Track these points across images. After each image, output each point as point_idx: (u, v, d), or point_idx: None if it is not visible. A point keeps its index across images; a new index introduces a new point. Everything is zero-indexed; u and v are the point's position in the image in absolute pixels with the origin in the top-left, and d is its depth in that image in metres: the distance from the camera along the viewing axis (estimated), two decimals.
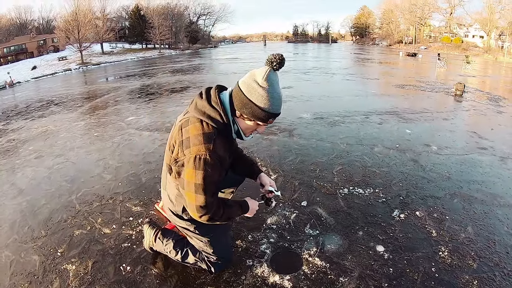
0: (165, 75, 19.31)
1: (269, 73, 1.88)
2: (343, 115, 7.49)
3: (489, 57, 38.46)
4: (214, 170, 1.92)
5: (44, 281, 2.70)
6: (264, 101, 1.88)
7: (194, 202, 1.98)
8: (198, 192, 1.94)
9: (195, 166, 1.89)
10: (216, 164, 1.92)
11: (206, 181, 1.92)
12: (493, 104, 9.08)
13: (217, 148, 1.91)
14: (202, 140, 1.89)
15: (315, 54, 38.57)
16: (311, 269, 2.69)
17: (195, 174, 1.90)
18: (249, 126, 2.04)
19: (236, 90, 1.96)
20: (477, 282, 2.49)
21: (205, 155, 1.87)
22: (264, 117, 1.93)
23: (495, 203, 3.61)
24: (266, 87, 1.87)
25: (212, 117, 1.94)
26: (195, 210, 2.01)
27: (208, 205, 1.99)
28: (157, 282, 2.63)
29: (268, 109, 1.90)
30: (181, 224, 2.42)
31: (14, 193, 4.35)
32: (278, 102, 1.93)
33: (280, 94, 1.94)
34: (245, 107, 1.91)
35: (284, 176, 4.36)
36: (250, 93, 1.89)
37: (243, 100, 1.91)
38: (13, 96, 17.28)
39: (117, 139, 6.44)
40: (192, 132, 1.93)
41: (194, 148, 1.89)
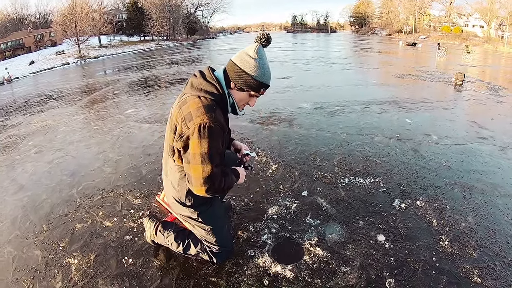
0: (163, 67, 19.25)
1: (259, 47, 2.10)
2: (343, 105, 7.48)
3: (489, 47, 38.30)
4: (218, 137, 2.02)
5: (47, 276, 2.71)
6: (256, 70, 2.07)
7: (201, 175, 2.03)
8: (205, 162, 2.01)
9: (200, 135, 1.96)
10: (219, 131, 2.02)
11: (212, 150, 2.00)
12: (493, 94, 9.06)
13: (218, 116, 2.02)
14: (204, 111, 1.98)
15: (314, 44, 38.34)
16: (312, 258, 2.70)
17: (201, 144, 1.98)
18: (242, 97, 2.20)
19: (229, 64, 2.15)
20: (477, 271, 2.50)
21: (208, 123, 1.95)
22: (256, 86, 2.12)
23: (495, 193, 3.61)
24: (257, 58, 2.07)
25: (209, 91, 2.08)
26: (202, 183, 2.06)
27: (214, 175, 2.05)
28: (160, 274, 2.64)
29: (259, 78, 2.10)
30: (184, 212, 2.43)
31: (14, 189, 4.35)
32: (268, 73, 2.14)
33: (269, 67, 2.15)
34: (240, 77, 2.09)
35: (285, 166, 4.36)
36: (243, 64, 2.08)
37: (237, 71, 2.09)
38: (12, 91, 17.22)
39: (117, 132, 6.43)
40: (193, 106, 2.02)
41: (197, 119, 1.97)
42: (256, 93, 2.17)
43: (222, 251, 2.59)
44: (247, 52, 2.10)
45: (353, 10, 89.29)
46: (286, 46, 34.17)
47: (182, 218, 2.58)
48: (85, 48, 47.86)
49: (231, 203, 3.48)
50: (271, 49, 27.76)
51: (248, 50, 2.10)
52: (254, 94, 2.18)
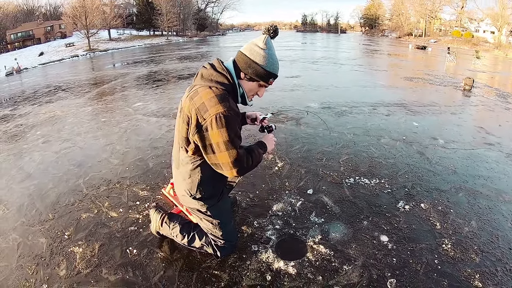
0: (172, 62, 19.26)
1: (267, 39, 2.17)
2: (351, 106, 7.47)
3: (499, 53, 37.90)
4: (235, 123, 2.06)
5: (51, 263, 2.75)
6: (265, 60, 2.14)
7: (229, 159, 2.09)
8: (229, 148, 2.06)
9: (218, 125, 2.00)
10: (234, 118, 2.06)
11: (232, 136, 2.05)
12: (502, 101, 9.00)
13: (231, 104, 2.06)
14: (217, 101, 2.02)
15: (323, 44, 38.21)
16: (315, 256, 2.72)
17: (221, 133, 2.02)
18: (252, 87, 2.25)
19: (239, 55, 2.21)
20: (479, 276, 2.51)
21: (224, 112, 1.99)
22: (265, 75, 2.18)
23: (500, 199, 3.61)
24: (266, 49, 2.14)
25: (220, 82, 2.12)
26: (232, 167, 2.11)
27: (240, 157, 2.12)
28: (163, 265, 2.67)
29: (269, 68, 2.16)
30: (193, 205, 2.45)
31: (22, 177, 4.41)
32: (276, 64, 2.21)
33: (277, 58, 2.22)
34: (250, 67, 2.15)
35: (291, 164, 4.38)
36: (253, 55, 2.14)
37: (247, 61, 2.15)
38: (20, 82, 17.32)
39: (124, 124, 6.48)
40: (205, 97, 2.05)
41: (212, 110, 2.01)
42: (265, 82, 2.23)
43: (227, 245, 2.61)
44: (256, 43, 2.16)
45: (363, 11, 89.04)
46: (296, 45, 34.06)
47: (190, 211, 2.60)
48: (95, 41, 48.00)
49: (237, 198, 3.52)
50: (280, 48, 27.69)
51: (257, 41, 2.17)
52: (263, 84, 2.24)
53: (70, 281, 2.55)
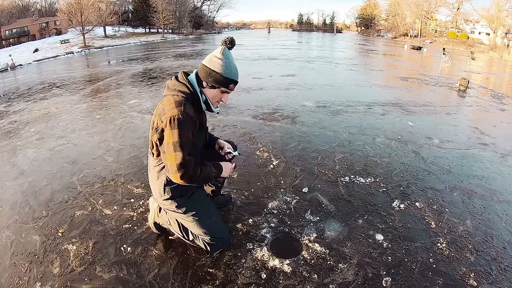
0: (168, 60, 19.20)
1: (224, 49, 2.34)
2: (346, 105, 7.48)
3: (494, 55, 38.07)
4: (187, 127, 2.20)
5: (45, 261, 2.73)
6: (223, 68, 2.31)
7: (175, 161, 2.20)
8: (177, 149, 2.19)
9: (171, 126, 2.16)
10: (188, 122, 2.20)
11: (182, 139, 2.18)
12: (496, 102, 9.05)
13: (187, 109, 2.21)
14: (174, 106, 2.21)
15: (319, 43, 38.26)
16: (310, 254, 2.72)
17: (172, 134, 2.17)
18: (214, 94, 2.41)
19: (200, 67, 2.39)
20: (473, 275, 2.51)
21: (177, 116, 2.16)
22: (224, 82, 2.35)
23: (494, 198, 3.63)
24: (223, 58, 2.32)
25: (181, 90, 2.31)
26: (176, 170, 2.21)
27: (186, 162, 2.21)
28: (158, 263, 2.66)
29: (227, 75, 2.33)
30: (167, 205, 2.55)
31: (15, 174, 4.37)
32: (234, 71, 2.38)
33: (235, 65, 2.39)
34: (209, 76, 2.33)
35: (286, 162, 4.38)
36: (212, 64, 2.33)
37: (207, 71, 2.34)
38: (15, 78, 17.19)
39: (119, 121, 6.45)
40: (166, 103, 2.26)
41: (168, 113, 2.18)
42: (226, 88, 2.39)
43: (215, 241, 2.64)
44: (215, 54, 2.35)
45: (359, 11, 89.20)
46: (292, 44, 34.08)
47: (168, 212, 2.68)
48: (90, 37, 47.73)
49: (231, 196, 3.51)
50: (276, 47, 27.69)
51: (215, 52, 2.36)
52: (224, 90, 2.40)
53: (63, 279, 2.53)
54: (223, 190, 3.58)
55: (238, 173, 4.06)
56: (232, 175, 2.64)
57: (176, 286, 2.44)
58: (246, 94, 8.65)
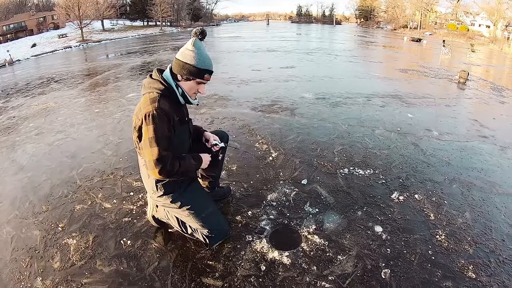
0: (166, 52, 19.11)
1: (195, 41, 2.36)
2: (345, 97, 7.47)
3: (494, 47, 37.86)
4: (162, 123, 2.22)
5: (45, 256, 2.74)
6: (195, 60, 2.32)
7: (151, 157, 2.23)
8: (152, 145, 2.22)
9: (146, 123, 2.21)
10: (162, 117, 2.22)
11: (157, 134, 2.21)
12: (496, 94, 9.02)
13: (161, 105, 2.25)
14: (149, 103, 2.25)
15: (318, 35, 38.06)
16: (309, 246, 2.72)
17: (148, 130, 2.21)
18: (191, 86, 2.42)
19: (174, 62, 2.40)
20: (472, 267, 2.52)
21: (152, 112, 2.20)
22: (199, 73, 2.36)
23: (493, 191, 3.62)
24: (195, 50, 2.33)
25: (156, 87, 2.34)
26: (154, 166, 2.24)
27: (163, 157, 2.23)
28: (157, 256, 2.67)
29: (200, 65, 2.34)
30: (160, 201, 2.57)
31: (15, 170, 4.37)
32: (207, 61, 2.38)
33: (208, 55, 2.40)
34: (183, 68, 2.34)
35: (285, 154, 4.37)
36: (184, 57, 2.34)
37: (180, 64, 2.35)
38: (13, 74, 17.13)
39: (118, 115, 6.44)
40: (142, 103, 2.30)
41: (143, 110, 2.23)
42: (201, 79, 2.40)
43: (213, 234, 2.66)
44: (186, 47, 2.36)
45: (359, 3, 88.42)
46: (291, 36, 33.94)
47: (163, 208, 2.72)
48: (88, 31, 47.47)
49: (230, 188, 3.51)
50: (275, 39, 27.58)
51: (186, 45, 2.37)
52: (200, 81, 2.41)
53: (64, 273, 2.55)
54: (222, 182, 3.59)
55: (237, 165, 4.07)
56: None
57: (176, 278, 2.46)
58: (245, 86, 8.64)
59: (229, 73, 10.71)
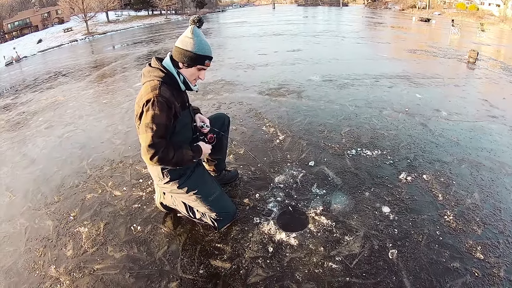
0: (172, 41, 18.92)
1: (194, 28, 2.39)
2: (353, 78, 7.39)
3: (505, 27, 37.16)
4: (161, 110, 2.25)
5: (58, 244, 2.81)
6: (196, 46, 2.37)
7: (144, 143, 2.26)
8: (147, 131, 2.25)
9: (146, 108, 2.24)
10: (162, 104, 2.25)
11: (155, 121, 2.24)
12: (507, 74, 8.84)
13: (162, 92, 2.27)
14: (149, 90, 2.28)
15: (325, 18, 37.57)
16: (317, 227, 2.73)
17: (146, 115, 2.25)
18: (192, 72, 2.46)
19: (174, 49, 2.44)
20: (480, 248, 2.50)
21: (152, 99, 2.23)
22: (199, 59, 2.41)
23: (503, 171, 3.58)
24: (194, 37, 2.37)
25: (156, 75, 2.36)
26: (145, 152, 2.26)
27: (155, 144, 2.25)
28: (167, 240, 2.72)
29: (200, 52, 2.38)
30: (167, 187, 2.61)
31: (26, 163, 4.45)
32: (207, 47, 2.42)
33: (207, 41, 2.44)
34: (184, 55, 2.38)
35: (292, 136, 4.37)
36: (184, 45, 2.38)
37: (181, 51, 2.39)
38: (21, 70, 17.34)
39: (126, 105, 6.48)
40: (143, 90, 2.34)
41: (144, 97, 2.26)
42: (202, 65, 2.45)
43: (222, 216, 2.69)
44: (186, 35, 2.39)
45: None
46: (297, 19, 33.49)
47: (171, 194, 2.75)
48: (93, 24, 47.77)
49: (238, 172, 3.52)
50: (282, 23, 27.32)
51: (186, 33, 2.40)
52: (201, 67, 2.46)
53: (77, 261, 2.61)
54: (229, 166, 3.62)
55: (244, 149, 4.08)
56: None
57: (185, 262, 2.50)
58: (252, 70, 8.62)
59: (235, 58, 10.66)
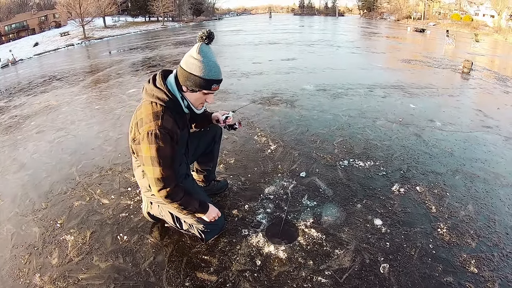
0: (167, 48, 19.10)
1: (201, 46, 2.15)
2: (347, 88, 7.37)
3: (499, 37, 37.55)
4: (165, 143, 2.12)
5: (44, 252, 2.74)
6: (201, 70, 2.13)
7: (153, 175, 2.17)
8: (154, 164, 2.14)
9: (148, 141, 2.11)
10: (165, 137, 2.12)
11: (160, 154, 2.12)
12: (501, 84, 8.88)
13: (165, 123, 2.13)
14: (152, 118, 2.12)
15: (321, 27, 37.85)
16: (306, 240, 2.67)
17: (150, 148, 2.12)
18: (197, 97, 2.27)
19: (178, 70, 2.24)
20: (474, 261, 2.45)
21: (154, 130, 2.09)
22: (206, 84, 2.18)
23: (497, 182, 3.54)
24: (200, 58, 2.13)
25: (159, 97, 2.18)
26: (154, 184, 2.19)
27: (165, 177, 2.17)
28: (153, 251, 2.65)
29: (207, 76, 2.15)
30: (154, 199, 2.56)
31: (16, 168, 4.38)
32: (215, 69, 2.18)
33: (215, 62, 2.19)
34: (188, 79, 2.17)
35: (284, 146, 4.31)
36: (189, 67, 2.15)
37: (185, 74, 2.17)
38: (16, 73, 17.35)
39: (118, 111, 6.42)
40: (144, 113, 2.17)
41: (145, 126, 2.12)
42: (208, 90, 2.24)
43: (209, 228, 2.61)
44: (191, 54, 2.16)
45: None
46: (293, 28, 33.80)
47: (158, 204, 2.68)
48: (90, 29, 47.93)
49: (228, 182, 3.46)
50: (277, 31, 27.48)
51: (191, 52, 2.16)
52: (207, 92, 2.25)
53: (62, 269, 2.54)
54: (219, 176, 3.57)
55: (235, 158, 4.03)
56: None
57: (171, 273, 2.43)
58: (246, 79, 8.59)
59: (230, 66, 10.64)
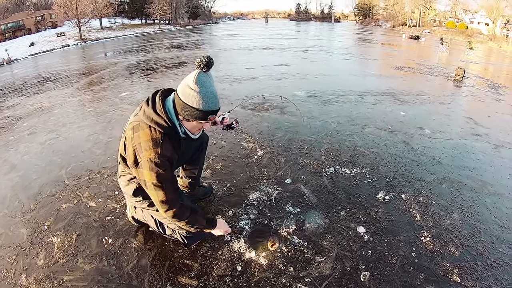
0: (162, 51, 19.09)
1: (198, 75, 2.04)
2: (338, 94, 7.37)
3: (493, 45, 37.92)
4: (165, 169, 2.13)
5: (31, 253, 2.76)
6: (198, 102, 2.05)
7: (157, 198, 2.17)
8: (157, 189, 2.14)
9: (149, 168, 2.09)
10: (165, 164, 2.12)
11: (161, 179, 2.12)
12: (493, 92, 8.94)
13: (164, 151, 2.12)
14: (151, 146, 2.10)
15: (316, 33, 38.01)
16: (288, 247, 2.66)
17: (151, 175, 2.11)
18: (193, 125, 2.23)
19: (176, 97, 2.14)
20: (457, 270, 2.44)
21: (155, 158, 2.08)
22: (202, 116, 2.12)
23: (484, 191, 3.54)
24: (197, 89, 2.03)
25: (159, 123, 2.13)
26: (160, 206, 2.20)
27: (169, 200, 2.17)
28: (137, 254, 2.66)
29: (203, 108, 2.07)
30: (140, 204, 2.57)
31: (6, 169, 4.36)
32: (212, 100, 2.08)
33: (213, 91, 2.10)
34: (184, 110, 2.10)
35: (271, 153, 4.29)
36: (186, 98, 2.06)
37: (181, 105, 2.09)
38: (11, 73, 17.34)
39: (110, 114, 6.39)
40: (143, 138, 2.13)
41: (145, 153, 2.10)
42: (204, 121, 2.18)
43: (191, 235, 2.60)
44: (188, 84, 2.06)
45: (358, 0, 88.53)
46: (288, 34, 33.90)
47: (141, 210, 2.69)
48: (86, 30, 47.94)
49: (213, 187, 3.45)
50: (272, 37, 27.57)
51: (188, 81, 2.06)
52: (203, 122, 2.20)
53: (47, 271, 2.57)
54: (205, 181, 3.56)
55: (221, 164, 4.02)
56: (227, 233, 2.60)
57: (153, 277, 2.45)
58: (238, 84, 8.56)
59: (223, 71, 10.61)
